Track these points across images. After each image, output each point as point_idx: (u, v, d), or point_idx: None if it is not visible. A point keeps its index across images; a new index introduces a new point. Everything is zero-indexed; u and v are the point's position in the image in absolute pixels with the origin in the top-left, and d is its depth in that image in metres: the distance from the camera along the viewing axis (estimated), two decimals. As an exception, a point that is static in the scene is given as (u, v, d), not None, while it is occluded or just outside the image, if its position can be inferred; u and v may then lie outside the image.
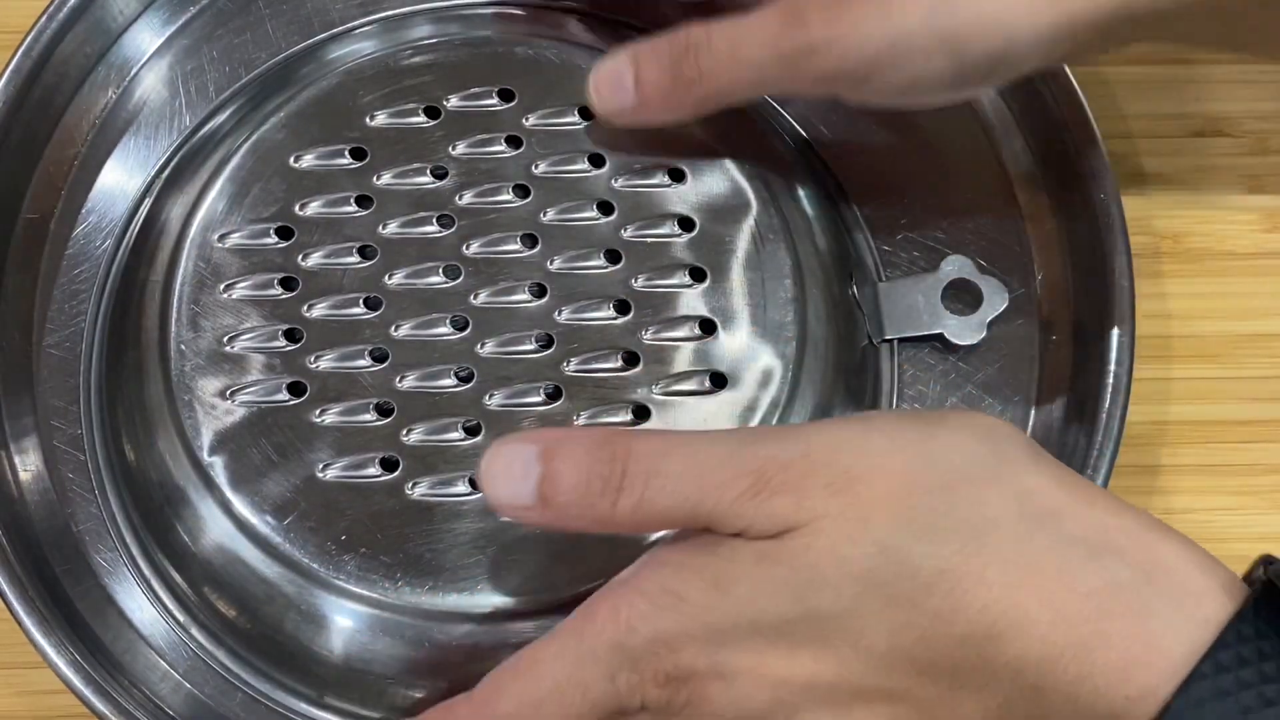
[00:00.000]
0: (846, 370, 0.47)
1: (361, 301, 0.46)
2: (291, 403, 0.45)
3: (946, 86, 0.44)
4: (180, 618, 0.47)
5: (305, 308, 0.45)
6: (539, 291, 0.46)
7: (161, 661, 0.47)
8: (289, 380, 0.45)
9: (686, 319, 0.45)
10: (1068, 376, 0.50)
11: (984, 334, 0.49)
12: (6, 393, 0.49)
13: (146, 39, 0.53)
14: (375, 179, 0.47)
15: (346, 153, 0.47)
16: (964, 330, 0.49)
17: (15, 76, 0.50)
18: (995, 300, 0.49)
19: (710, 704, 0.36)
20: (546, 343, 0.45)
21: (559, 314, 0.45)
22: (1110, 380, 0.47)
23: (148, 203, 0.50)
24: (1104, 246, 0.49)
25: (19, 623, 0.44)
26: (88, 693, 0.44)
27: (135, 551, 0.47)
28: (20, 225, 0.51)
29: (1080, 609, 0.34)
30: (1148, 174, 0.54)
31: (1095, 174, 0.49)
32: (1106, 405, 0.47)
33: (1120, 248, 0.49)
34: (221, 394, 0.45)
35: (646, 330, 0.45)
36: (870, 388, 0.48)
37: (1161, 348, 0.52)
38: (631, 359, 0.45)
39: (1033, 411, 0.50)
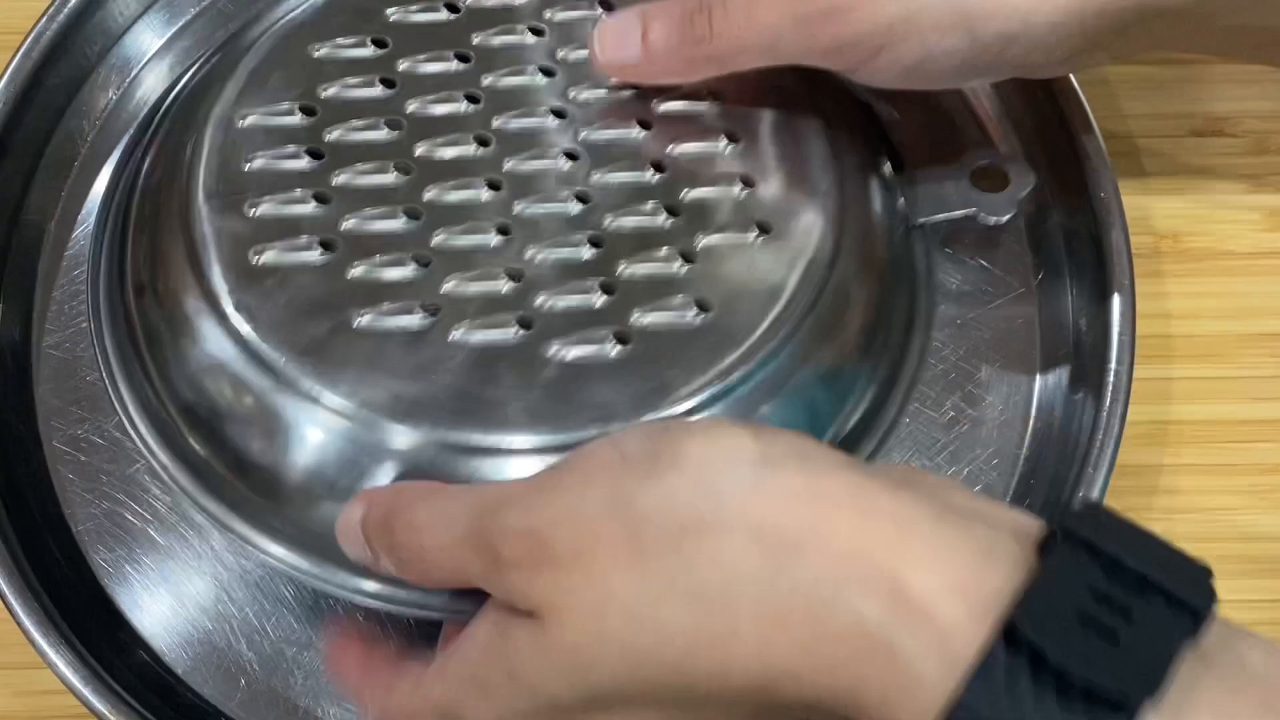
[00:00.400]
0: (887, 246, 0.47)
1: (391, 168, 0.45)
2: (324, 259, 0.43)
3: (956, 68, 0.43)
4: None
5: (333, 176, 0.44)
6: (572, 156, 0.45)
7: (161, 662, 0.47)
8: (320, 238, 0.43)
9: (725, 175, 0.45)
10: (1068, 376, 0.50)
11: (1014, 211, 0.48)
12: (6, 393, 0.49)
13: (147, 40, 0.53)
14: (398, 65, 0.46)
15: (369, 41, 0.47)
16: (995, 206, 0.48)
17: (16, 77, 0.50)
18: (1023, 180, 0.48)
19: None
20: (583, 199, 0.44)
21: (593, 176, 0.45)
22: (1110, 380, 0.47)
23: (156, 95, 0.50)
24: (1104, 246, 0.49)
25: (19, 623, 0.44)
26: (87, 693, 0.44)
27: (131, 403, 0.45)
28: (20, 226, 0.51)
29: (834, 654, 0.33)
30: (1148, 173, 0.54)
31: (1095, 174, 0.49)
32: (1107, 405, 0.47)
33: (1120, 247, 0.49)
34: (251, 251, 0.43)
35: (685, 189, 0.44)
36: (907, 274, 0.48)
37: (1161, 347, 0.52)
38: (673, 212, 0.44)
39: (1033, 412, 0.50)
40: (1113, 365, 0.47)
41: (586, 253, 0.44)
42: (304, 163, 0.45)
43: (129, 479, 0.48)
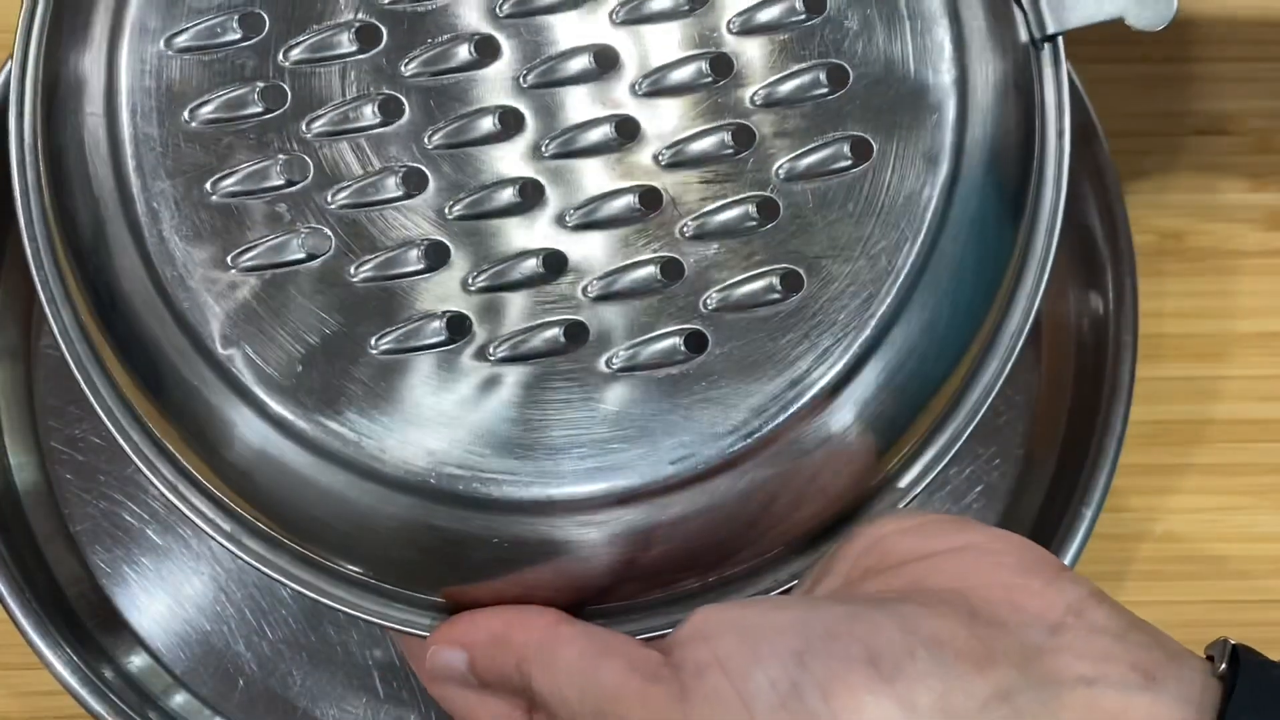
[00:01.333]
0: (1015, 86, 0.36)
1: (375, 107, 0.34)
2: (315, 260, 0.34)
3: None
4: (227, 527, 0.37)
5: (303, 125, 0.34)
6: (605, 62, 0.34)
7: (159, 663, 0.47)
8: (306, 229, 0.34)
9: (804, 70, 0.34)
10: (1070, 376, 0.49)
11: (1175, 9, 0.37)
12: (4, 393, 0.49)
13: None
14: None
15: None
16: (1149, 5, 0.37)
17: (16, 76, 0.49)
18: None
19: None
20: (630, 133, 0.34)
21: (638, 85, 0.34)
22: (1112, 379, 0.47)
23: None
24: (1106, 245, 0.49)
25: (15, 623, 0.44)
26: (84, 693, 0.44)
27: (164, 469, 0.37)
28: (17, 222, 0.50)
29: None
30: (1150, 172, 0.54)
31: (1097, 172, 0.49)
32: (1108, 404, 0.47)
33: (1123, 246, 0.48)
34: (220, 262, 0.34)
35: (750, 88, 0.34)
36: (1039, 103, 0.37)
37: (1163, 347, 0.52)
38: (744, 137, 0.34)
39: (1034, 412, 0.49)
40: (1115, 364, 0.47)
41: (641, 218, 0.34)
42: (261, 109, 0.34)
43: (127, 479, 0.48)
